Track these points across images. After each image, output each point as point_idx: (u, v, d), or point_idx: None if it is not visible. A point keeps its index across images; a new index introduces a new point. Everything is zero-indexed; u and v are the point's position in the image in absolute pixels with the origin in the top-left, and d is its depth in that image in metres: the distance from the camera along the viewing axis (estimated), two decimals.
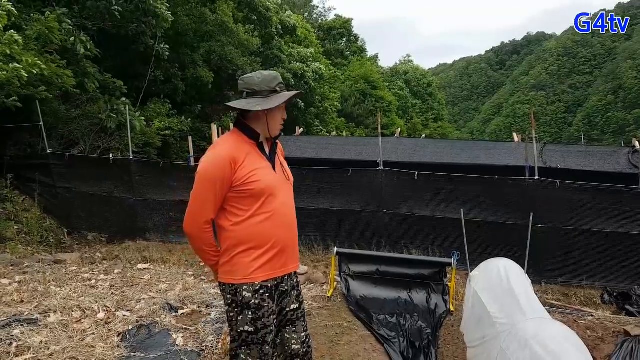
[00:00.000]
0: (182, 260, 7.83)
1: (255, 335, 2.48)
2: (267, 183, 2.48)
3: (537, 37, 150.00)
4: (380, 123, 9.52)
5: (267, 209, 2.48)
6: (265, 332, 2.50)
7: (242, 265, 2.48)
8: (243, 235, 2.48)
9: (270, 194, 2.49)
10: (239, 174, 2.43)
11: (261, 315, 2.48)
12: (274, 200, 2.50)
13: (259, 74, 2.58)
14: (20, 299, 5.12)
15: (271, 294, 2.52)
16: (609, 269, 7.32)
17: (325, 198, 8.20)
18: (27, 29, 8.42)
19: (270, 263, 2.51)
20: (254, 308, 2.47)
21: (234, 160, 2.42)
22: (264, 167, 2.52)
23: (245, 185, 2.43)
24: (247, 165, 2.45)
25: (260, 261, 2.48)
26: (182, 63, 15.07)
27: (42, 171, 9.40)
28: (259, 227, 2.47)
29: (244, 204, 2.47)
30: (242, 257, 2.48)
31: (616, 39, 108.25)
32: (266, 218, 2.48)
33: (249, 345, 2.50)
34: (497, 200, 7.79)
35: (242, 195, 2.45)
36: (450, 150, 11.22)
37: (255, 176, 2.44)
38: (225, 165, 2.41)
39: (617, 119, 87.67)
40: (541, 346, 2.79)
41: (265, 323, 2.49)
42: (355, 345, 4.42)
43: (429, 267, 5.56)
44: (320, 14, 48.27)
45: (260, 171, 2.48)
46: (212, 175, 2.43)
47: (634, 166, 9.17)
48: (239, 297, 2.48)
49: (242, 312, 2.48)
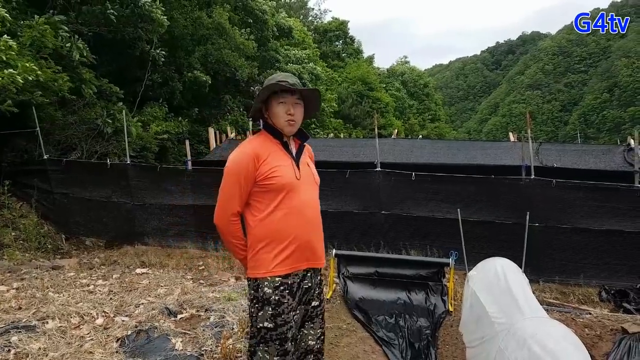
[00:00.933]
0: (181, 265, 7.82)
1: (274, 331, 2.52)
2: (287, 179, 2.58)
3: (532, 36, 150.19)
4: (378, 124, 9.54)
5: (287, 204, 2.58)
6: (285, 328, 2.53)
7: (264, 261, 2.57)
8: (264, 231, 2.58)
9: (290, 190, 2.58)
10: (262, 169, 2.55)
11: (281, 311, 2.53)
12: (294, 196, 2.59)
13: (278, 73, 2.75)
14: (18, 306, 5.11)
15: (291, 290, 2.58)
16: (606, 266, 7.34)
17: (323, 200, 8.09)
18: (21, 35, 8.41)
19: (290, 258, 2.58)
20: (274, 304, 2.52)
21: (257, 157, 2.56)
22: (287, 165, 2.63)
23: (267, 180, 2.55)
24: (270, 161, 2.57)
25: (280, 256, 2.56)
26: (178, 66, 15.08)
27: (39, 177, 9.39)
28: (278, 223, 2.57)
29: (265, 199, 2.58)
30: (263, 252, 2.58)
31: (611, 37, 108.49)
32: (285, 214, 2.57)
33: (267, 342, 2.54)
34: (494, 200, 7.82)
35: (264, 189, 2.57)
36: (447, 151, 11.27)
37: (276, 172, 2.56)
38: (248, 161, 2.55)
39: (613, 117, 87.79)
40: (539, 345, 2.79)
41: (285, 319, 2.53)
42: (354, 347, 4.42)
43: (427, 267, 5.57)
44: (316, 16, 48.32)
45: (282, 168, 2.59)
46: (237, 170, 2.57)
47: (629, 164, 9.22)
48: (260, 293, 2.55)
49: (263, 308, 2.54)
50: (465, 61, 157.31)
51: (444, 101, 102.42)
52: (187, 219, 8.92)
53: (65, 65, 9.38)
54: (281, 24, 23.90)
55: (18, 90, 7.66)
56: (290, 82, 2.63)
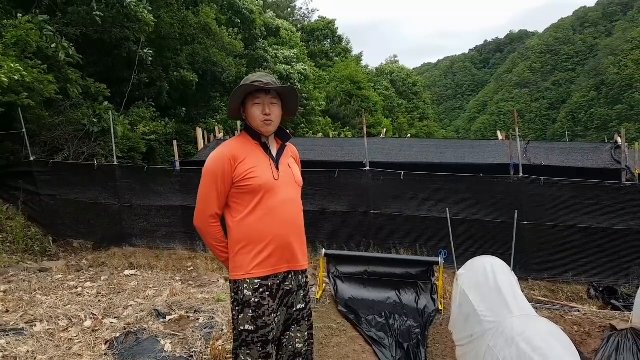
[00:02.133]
0: (170, 266, 7.78)
1: (255, 334, 2.50)
2: (264, 180, 2.54)
3: (519, 35, 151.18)
4: (366, 123, 9.54)
5: (265, 206, 2.55)
6: (267, 330, 2.51)
7: (243, 262, 2.54)
8: (243, 232, 2.56)
9: (268, 191, 2.55)
10: (239, 170, 2.53)
11: (261, 313, 2.50)
12: (272, 197, 2.56)
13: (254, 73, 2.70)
14: (5, 309, 5.06)
15: (272, 292, 2.55)
16: (595, 264, 7.41)
17: (312, 200, 8.18)
18: (5, 35, 8.32)
19: (269, 260, 2.55)
20: (254, 306, 2.50)
21: (234, 157, 2.54)
22: (265, 166, 2.60)
23: (244, 181, 2.52)
24: (247, 162, 2.55)
25: (258, 258, 2.53)
26: (165, 66, 15.00)
27: (26, 179, 9.29)
28: (256, 224, 2.54)
29: (243, 200, 2.56)
30: (242, 253, 2.55)
31: (597, 36, 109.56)
32: (263, 215, 2.54)
33: (249, 345, 2.51)
34: (483, 198, 7.86)
35: (242, 191, 2.55)
36: (435, 150, 11.31)
37: (253, 173, 2.53)
38: (224, 162, 2.53)
39: (600, 115, 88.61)
40: (527, 343, 2.81)
41: (265, 322, 2.51)
42: (344, 347, 4.42)
43: (417, 266, 5.57)
44: (304, 15, 48.25)
45: (259, 168, 2.56)
46: (213, 171, 2.56)
47: (616, 161, 9.30)
48: (239, 295, 2.53)
49: (243, 311, 2.52)
50: (454, 60, 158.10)
51: (433, 100, 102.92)
52: (175, 220, 8.87)
53: (51, 65, 9.29)
54: (269, 24, 23.86)
55: (3, 91, 7.57)
56: (264, 81, 2.59)
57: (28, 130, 9.11)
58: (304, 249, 2.76)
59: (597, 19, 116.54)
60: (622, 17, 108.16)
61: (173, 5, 14.45)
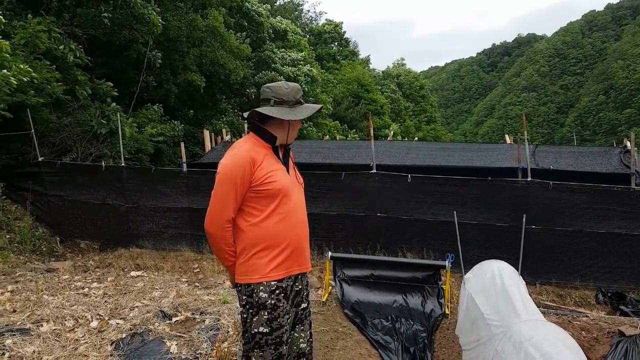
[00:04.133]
0: (176, 267, 7.79)
1: (269, 336, 2.52)
2: (283, 184, 2.57)
3: (527, 38, 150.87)
4: (373, 126, 9.52)
5: (283, 209, 2.57)
6: (281, 332, 2.54)
7: (259, 266, 2.54)
8: (260, 236, 2.55)
9: (285, 194, 2.58)
10: (258, 174, 2.52)
11: (277, 315, 2.52)
12: (288, 201, 2.59)
13: (286, 84, 2.67)
14: (12, 309, 5.07)
15: (286, 294, 2.57)
16: (603, 269, 7.36)
17: (319, 202, 8.18)
18: (14, 36, 8.38)
19: (286, 262, 2.58)
20: (270, 308, 2.51)
21: (253, 161, 2.53)
22: (280, 169, 2.62)
23: (263, 185, 2.52)
24: (265, 166, 2.55)
25: (276, 261, 2.55)
26: (173, 68, 15.05)
27: (34, 179, 9.35)
28: (275, 228, 2.55)
29: (261, 204, 2.56)
30: (259, 257, 2.55)
31: (606, 40, 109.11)
32: (282, 218, 2.56)
33: (262, 347, 2.53)
34: (490, 202, 7.82)
35: (260, 195, 2.54)
36: (443, 153, 11.27)
37: (272, 177, 2.54)
38: (245, 165, 2.51)
39: (609, 119, 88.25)
40: (535, 348, 2.78)
41: (280, 323, 2.53)
42: (350, 350, 4.40)
43: (424, 270, 5.54)
44: (312, 19, 48.32)
45: (277, 172, 2.58)
46: (233, 175, 2.51)
47: (625, 166, 9.23)
48: (254, 298, 2.53)
49: (258, 313, 2.52)
50: (461, 63, 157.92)
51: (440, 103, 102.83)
52: (182, 222, 8.89)
53: (59, 67, 9.34)
54: (276, 26, 23.90)
55: (11, 92, 7.61)
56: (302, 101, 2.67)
57: (36, 131, 9.17)
58: (309, 251, 2.80)
59: (606, 22, 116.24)
60: (632, 20, 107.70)
61: (181, 8, 14.49)
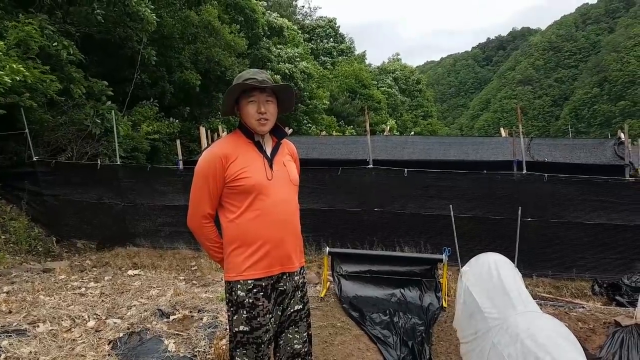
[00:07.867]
0: (173, 266, 7.78)
1: (250, 335, 2.48)
2: (256, 180, 2.49)
3: (522, 32, 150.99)
4: (369, 121, 9.52)
5: (257, 206, 2.49)
6: (261, 331, 2.49)
7: (235, 264, 2.51)
8: (235, 233, 2.52)
9: (261, 191, 2.49)
10: (231, 170, 2.48)
11: (256, 314, 2.47)
12: (265, 198, 2.50)
13: (246, 71, 2.62)
14: (8, 310, 5.05)
15: (266, 292, 2.51)
16: (598, 260, 7.39)
17: (316, 198, 8.18)
18: (7, 36, 8.33)
19: (263, 262, 2.50)
20: (248, 307, 2.47)
21: (225, 157, 2.49)
22: (258, 165, 2.54)
23: (235, 181, 2.48)
24: (240, 162, 2.50)
25: (252, 259, 2.49)
26: (169, 66, 14.99)
27: (29, 179, 9.27)
28: (248, 225, 2.49)
29: (236, 200, 2.52)
30: (235, 254, 2.52)
31: (600, 32, 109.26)
32: (256, 216, 2.49)
33: (244, 345, 2.49)
34: (486, 195, 7.83)
35: (234, 191, 2.51)
36: (439, 147, 11.27)
37: (246, 172, 2.48)
38: (215, 161, 2.49)
39: (603, 111, 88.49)
40: (532, 340, 2.79)
41: (260, 322, 2.48)
42: (348, 345, 4.41)
43: (421, 264, 5.56)
44: (306, 14, 48.22)
45: (251, 168, 2.50)
46: (204, 171, 2.52)
47: (619, 158, 9.25)
48: (233, 296, 2.50)
49: (237, 312, 2.50)
50: (457, 58, 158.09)
51: (436, 98, 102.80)
52: (179, 220, 8.84)
53: (54, 65, 9.29)
54: (272, 23, 23.85)
55: (5, 91, 7.57)
56: (259, 78, 2.52)
57: (31, 131, 9.11)
58: (298, 250, 2.69)
59: (600, 15, 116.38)
60: (625, 13, 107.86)
61: (175, 4, 14.43)
